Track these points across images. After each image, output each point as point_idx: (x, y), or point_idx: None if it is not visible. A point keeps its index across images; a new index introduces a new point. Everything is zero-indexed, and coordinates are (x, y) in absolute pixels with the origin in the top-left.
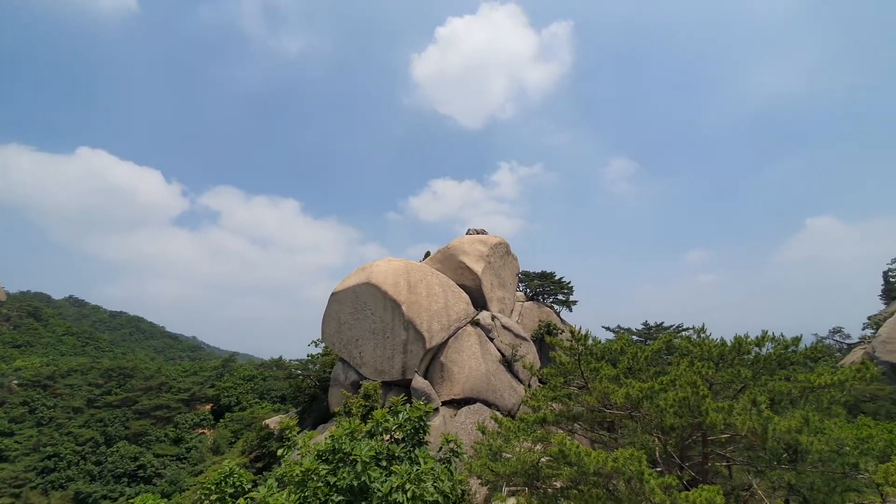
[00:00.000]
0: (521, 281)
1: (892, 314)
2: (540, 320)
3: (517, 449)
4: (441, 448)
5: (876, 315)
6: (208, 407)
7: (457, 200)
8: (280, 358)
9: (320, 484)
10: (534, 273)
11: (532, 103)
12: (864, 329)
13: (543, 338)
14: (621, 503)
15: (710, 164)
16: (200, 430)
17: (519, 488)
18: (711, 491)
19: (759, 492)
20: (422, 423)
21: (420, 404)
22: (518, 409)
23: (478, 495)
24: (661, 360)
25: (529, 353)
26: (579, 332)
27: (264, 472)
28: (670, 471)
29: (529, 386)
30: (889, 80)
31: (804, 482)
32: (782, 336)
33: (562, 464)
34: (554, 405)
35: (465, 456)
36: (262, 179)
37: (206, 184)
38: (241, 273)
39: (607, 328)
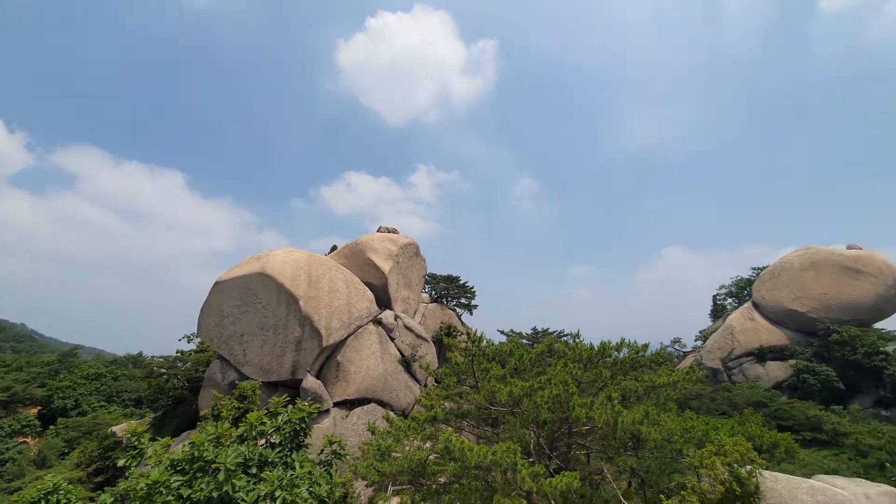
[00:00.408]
0: (427, 283)
1: (716, 330)
2: (442, 322)
3: (407, 448)
4: (323, 450)
5: (705, 330)
6: (34, 410)
7: (372, 196)
8: (139, 354)
9: (170, 498)
10: (440, 276)
11: (456, 112)
12: (696, 340)
13: (443, 339)
14: (497, 493)
15: (597, 193)
16: (22, 439)
17: (404, 487)
18: (570, 476)
19: (609, 475)
20: (303, 426)
21: (304, 405)
22: (412, 409)
23: (363, 497)
24: (543, 362)
25: (429, 354)
26: (475, 335)
27: (105, 488)
28: (541, 461)
29: (426, 386)
30: (727, 147)
31: (643, 466)
32: (635, 343)
33: (447, 460)
34: (446, 404)
35: (349, 458)
36: (139, 144)
37: (63, 139)
38: (99, 249)
39: (502, 332)
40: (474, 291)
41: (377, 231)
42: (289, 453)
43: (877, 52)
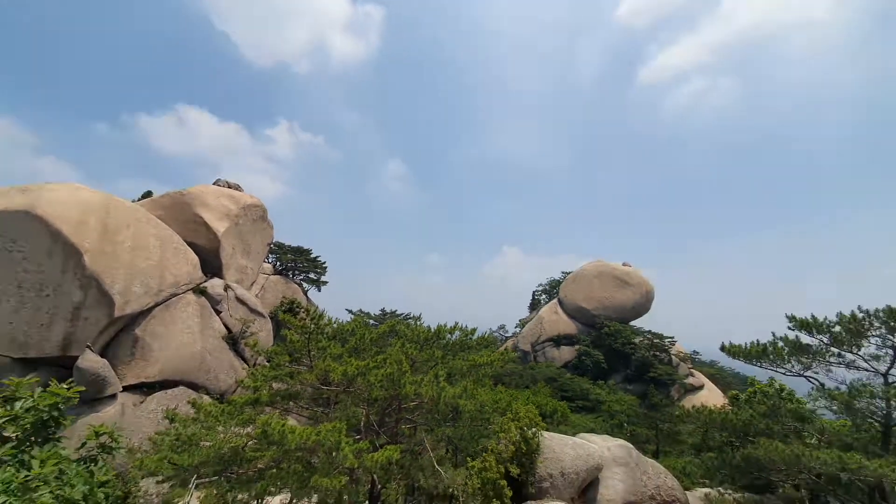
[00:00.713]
0: (272, 252)
1: (531, 319)
2: (284, 297)
3: (221, 436)
4: (85, 444)
5: (523, 319)
6: None
7: (212, 140)
8: None
9: None
10: (289, 246)
11: (332, 71)
12: (515, 327)
13: (279, 316)
14: (317, 472)
15: (457, 188)
16: None
17: (211, 479)
18: (392, 450)
19: (428, 445)
20: (55, 414)
21: (60, 388)
22: (234, 392)
23: (155, 497)
24: (385, 342)
25: (263, 331)
26: (315, 312)
27: None
28: (368, 437)
29: (255, 366)
30: (561, 169)
31: (458, 434)
32: (466, 327)
33: (266, 445)
34: (275, 385)
35: (123, 451)
36: None
37: None
38: None
39: (350, 311)
40: (325, 267)
41: (214, 184)
42: (29, 448)
43: (673, 119)
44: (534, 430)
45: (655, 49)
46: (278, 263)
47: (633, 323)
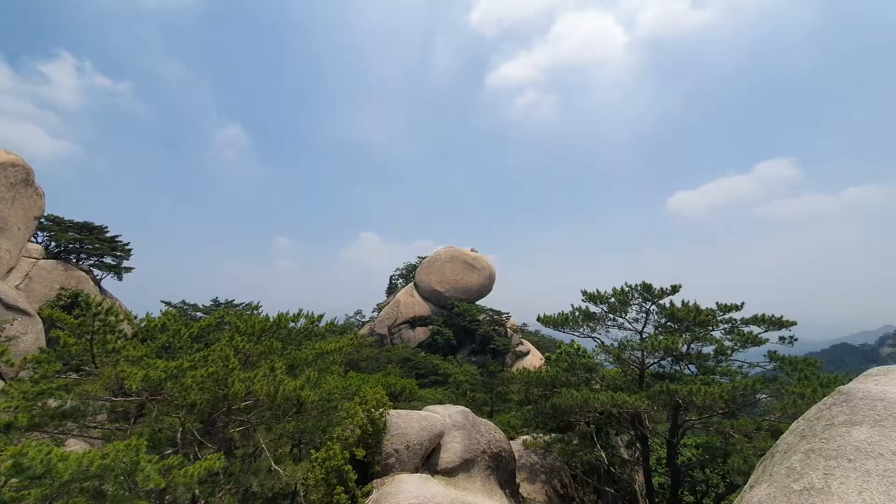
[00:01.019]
0: (43, 229)
1: (388, 303)
2: (64, 288)
3: None
4: None
5: (381, 303)
6: None
7: None
8: None
9: None
10: (71, 222)
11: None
12: (373, 312)
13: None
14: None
15: (311, 168)
16: None
17: None
18: (213, 459)
19: (264, 445)
20: None
21: None
22: None
23: None
24: (210, 337)
25: (29, 334)
26: (100, 305)
27: None
28: (187, 449)
29: (15, 379)
30: (415, 156)
31: (302, 428)
32: (312, 313)
33: (27, 481)
34: (50, 402)
35: None
36: None
37: None
38: None
39: (168, 303)
40: (129, 249)
41: None
42: None
43: (514, 122)
44: (381, 410)
45: (498, 59)
46: (53, 244)
47: (478, 302)
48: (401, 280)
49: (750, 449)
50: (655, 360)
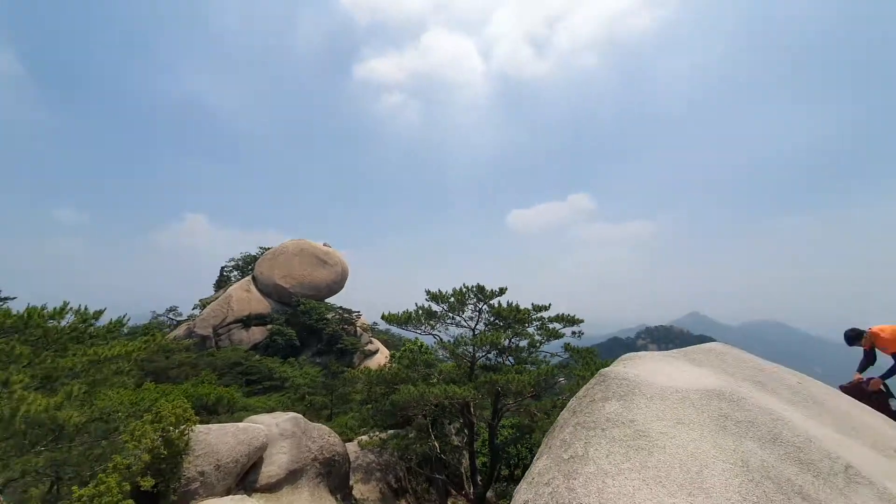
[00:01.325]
0: None
1: (216, 299)
2: None
3: None
4: None
5: (205, 298)
6: None
7: None
8: None
9: None
10: None
11: None
12: (193, 309)
13: None
14: None
15: (113, 120)
16: None
17: None
18: None
19: None
20: None
21: None
22: None
23: None
24: None
25: None
26: None
27: None
28: None
29: None
30: (269, 137)
31: (62, 460)
32: (86, 308)
33: None
34: None
35: None
36: None
37: None
38: None
39: None
40: None
41: None
42: None
43: (380, 119)
44: (182, 427)
45: (369, 52)
46: None
47: (328, 300)
48: (235, 273)
49: (548, 424)
50: (483, 354)
